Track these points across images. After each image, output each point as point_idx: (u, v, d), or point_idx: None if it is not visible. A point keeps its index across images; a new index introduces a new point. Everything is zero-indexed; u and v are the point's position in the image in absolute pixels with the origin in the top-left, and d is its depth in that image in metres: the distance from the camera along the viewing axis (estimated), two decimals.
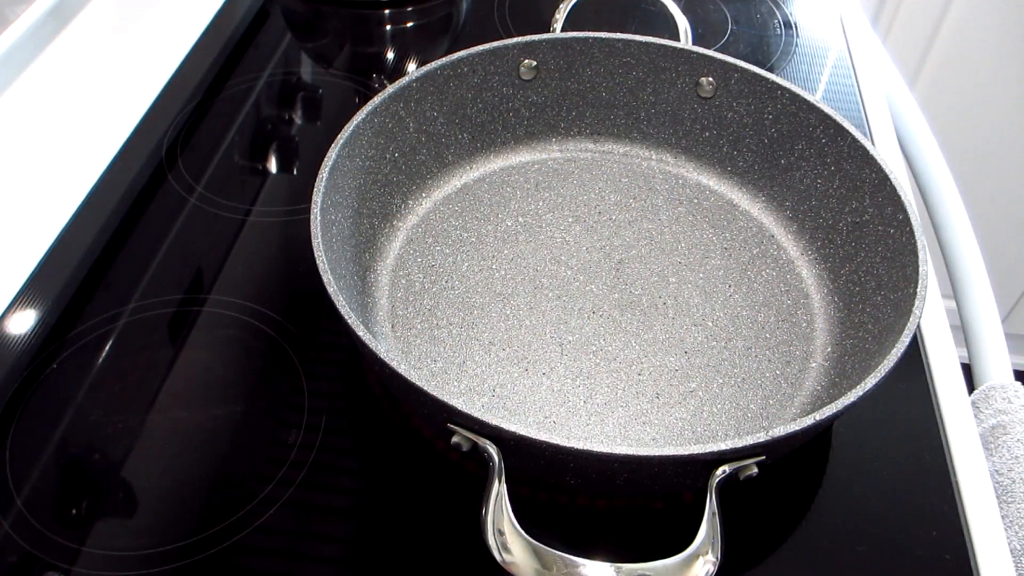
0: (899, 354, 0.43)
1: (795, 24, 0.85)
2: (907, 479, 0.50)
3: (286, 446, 0.49)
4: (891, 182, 0.53)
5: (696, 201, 0.64)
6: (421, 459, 0.50)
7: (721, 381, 0.52)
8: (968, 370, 0.63)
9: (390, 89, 0.57)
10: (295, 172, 0.69)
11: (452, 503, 0.48)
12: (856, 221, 0.56)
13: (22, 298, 0.56)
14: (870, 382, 0.42)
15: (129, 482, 0.48)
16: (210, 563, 0.44)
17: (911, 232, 0.50)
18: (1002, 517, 0.50)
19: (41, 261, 0.58)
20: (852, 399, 0.42)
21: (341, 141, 0.53)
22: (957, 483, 0.50)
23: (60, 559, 0.44)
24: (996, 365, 0.64)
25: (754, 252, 0.60)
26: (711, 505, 0.39)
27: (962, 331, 0.68)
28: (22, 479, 0.47)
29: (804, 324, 0.56)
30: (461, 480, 0.49)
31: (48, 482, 0.47)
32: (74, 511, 0.46)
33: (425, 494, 0.48)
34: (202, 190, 0.65)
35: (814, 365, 0.53)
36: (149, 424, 0.50)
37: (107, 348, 0.54)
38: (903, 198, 0.52)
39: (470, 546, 0.46)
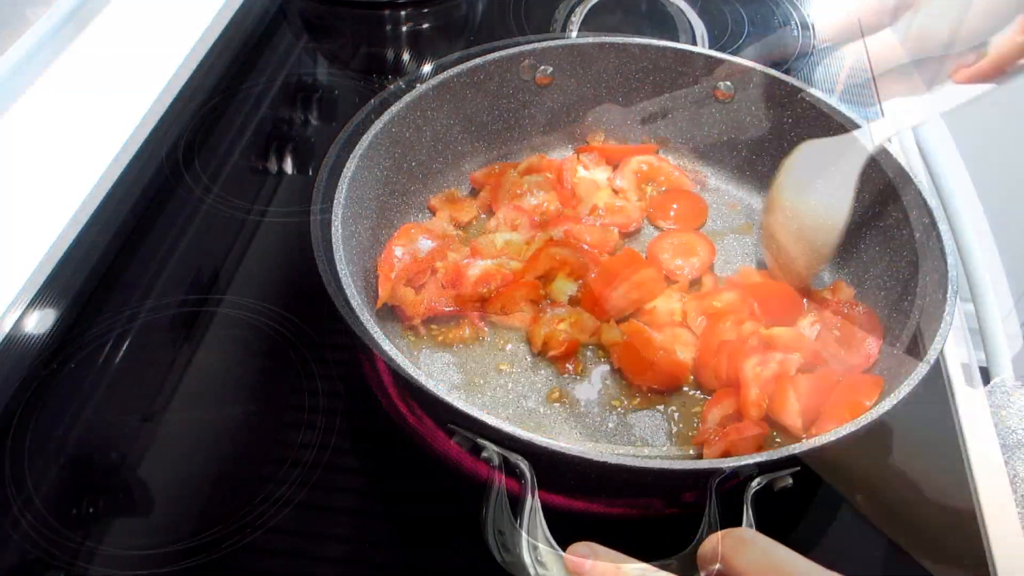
0: (933, 360, 0.43)
1: (812, 26, 0.84)
2: (924, 479, 0.50)
3: (302, 447, 0.49)
4: (915, 185, 0.52)
5: (715, 207, 0.63)
6: (421, 459, 0.49)
7: None
8: (986, 373, 0.62)
9: (407, 98, 0.57)
10: (311, 173, 0.69)
11: (452, 503, 0.48)
12: (879, 225, 0.56)
13: (40, 298, 0.56)
14: (907, 387, 0.42)
15: (142, 481, 0.48)
16: (214, 563, 0.44)
17: (938, 237, 0.50)
18: (1019, 516, 0.50)
19: (59, 261, 0.58)
20: (893, 402, 0.41)
21: (360, 152, 0.53)
22: (975, 484, 0.49)
23: (65, 558, 0.44)
24: (1013, 366, 0.64)
25: None
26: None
27: (980, 333, 0.67)
28: (39, 477, 0.47)
29: None
30: (462, 480, 0.48)
31: (63, 480, 0.47)
32: (81, 510, 0.46)
33: (426, 494, 0.48)
34: (219, 191, 0.65)
35: None
36: (165, 423, 0.50)
37: (124, 348, 0.54)
38: (929, 202, 0.51)
39: (471, 546, 0.45)
